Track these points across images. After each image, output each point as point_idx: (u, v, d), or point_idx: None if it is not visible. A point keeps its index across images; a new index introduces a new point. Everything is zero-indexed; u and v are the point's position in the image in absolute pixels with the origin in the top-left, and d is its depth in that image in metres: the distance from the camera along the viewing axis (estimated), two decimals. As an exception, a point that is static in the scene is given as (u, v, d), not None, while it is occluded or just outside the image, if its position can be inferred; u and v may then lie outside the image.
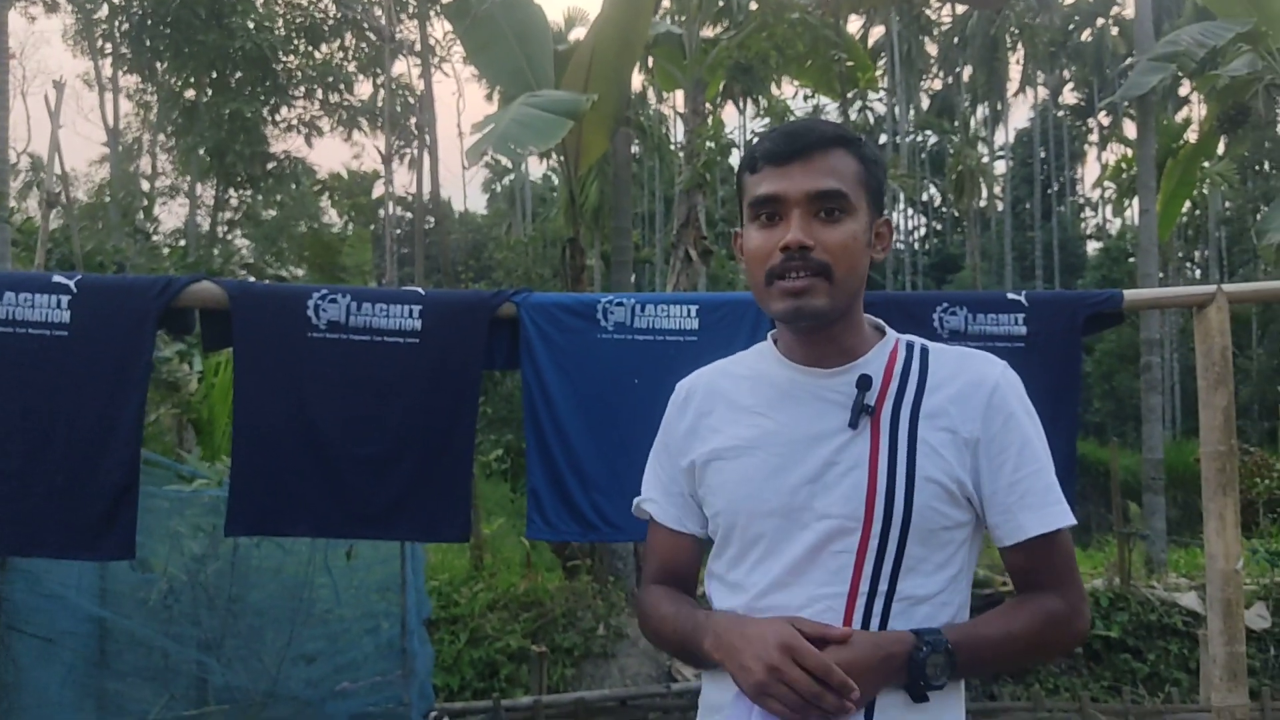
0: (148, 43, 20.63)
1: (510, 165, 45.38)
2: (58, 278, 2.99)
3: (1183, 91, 32.62)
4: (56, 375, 2.91)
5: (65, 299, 2.95)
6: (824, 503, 1.48)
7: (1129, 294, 3.41)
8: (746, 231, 1.59)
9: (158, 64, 21.48)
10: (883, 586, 1.47)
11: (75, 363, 2.92)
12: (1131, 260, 23.58)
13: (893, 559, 1.46)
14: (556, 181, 37.54)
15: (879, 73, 38.73)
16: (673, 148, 25.73)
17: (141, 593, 4.56)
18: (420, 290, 3.23)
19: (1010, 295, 3.36)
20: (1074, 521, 1.54)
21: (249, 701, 4.44)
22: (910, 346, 1.60)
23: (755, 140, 1.61)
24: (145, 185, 27.13)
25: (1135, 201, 13.66)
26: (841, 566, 1.46)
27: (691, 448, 1.63)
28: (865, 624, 1.46)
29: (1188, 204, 29.57)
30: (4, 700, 4.04)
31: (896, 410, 1.51)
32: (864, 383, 1.52)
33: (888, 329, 1.63)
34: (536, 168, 44.83)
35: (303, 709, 4.53)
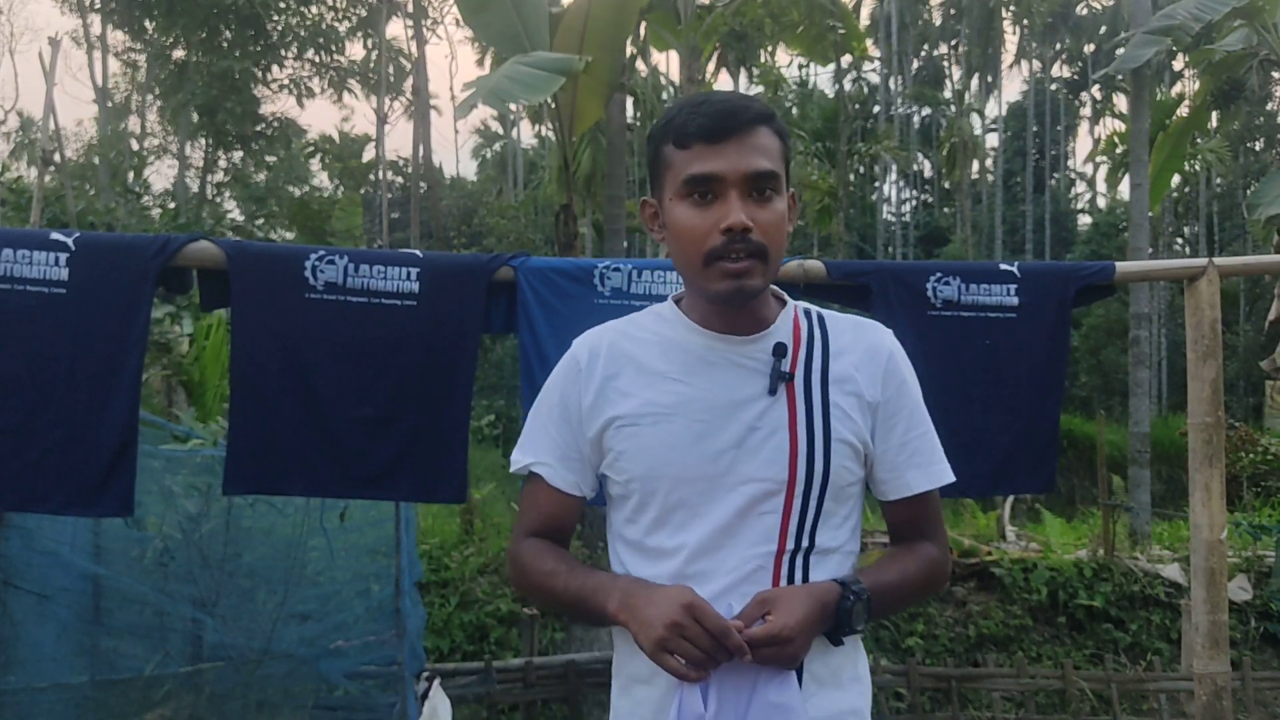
0: (136, -1, 20.42)
1: (501, 131, 45.18)
2: (56, 235, 2.99)
3: (1176, 66, 32.58)
4: (55, 332, 2.92)
5: (63, 256, 2.95)
6: (748, 467, 1.54)
7: (1121, 266, 3.45)
8: (676, 208, 1.57)
9: (147, 21, 21.27)
10: (805, 542, 1.56)
11: (74, 320, 2.93)
12: (1124, 234, 23.61)
13: (813, 516, 1.56)
14: (547, 148, 37.39)
15: (870, 42, 38.59)
16: (666, 114, 25.58)
17: (135, 551, 4.58)
18: (418, 253, 3.25)
19: (1003, 266, 3.40)
20: (954, 479, 1.68)
21: (244, 659, 4.48)
22: (808, 314, 1.68)
23: (678, 112, 1.59)
24: (134, 145, 26.93)
25: (1127, 176, 13.67)
26: (769, 527, 1.54)
27: (600, 413, 1.62)
28: (790, 577, 1.55)
29: (1178, 179, 29.64)
30: (1, 656, 4.07)
31: (808, 376, 1.59)
32: (780, 350, 1.58)
33: (785, 296, 1.70)
34: (527, 133, 44.67)
35: (298, 667, 4.58)
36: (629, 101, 15.65)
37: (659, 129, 1.61)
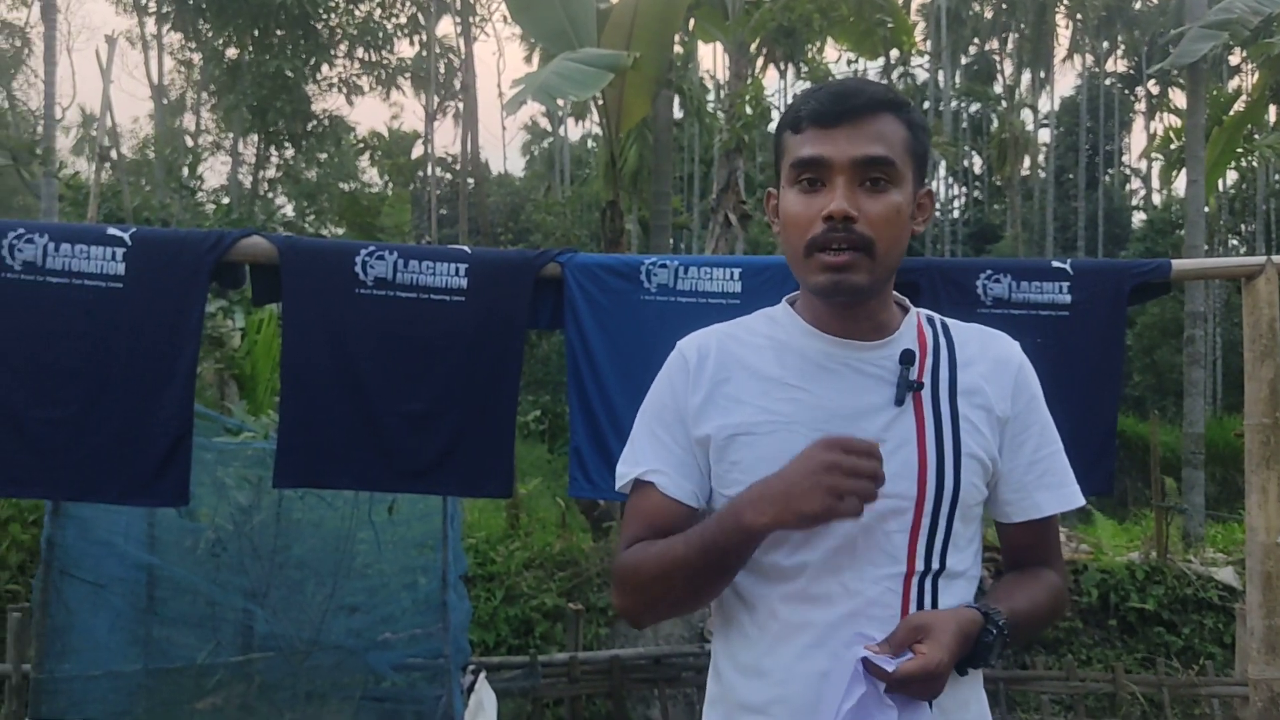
0: (190, 0, 20.73)
1: (549, 128, 45.35)
2: (112, 230, 3.04)
3: (1233, 60, 31.98)
4: (112, 326, 2.97)
5: (120, 251, 3.01)
6: None
7: (1177, 264, 3.39)
8: (785, 195, 1.50)
9: (200, 21, 21.59)
10: (934, 564, 1.44)
11: (130, 314, 2.98)
12: (1179, 232, 23.24)
13: (942, 536, 1.45)
14: (594, 145, 37.46)
15: (921, 38, 38.23)
16: (711, 108, 25.60)
17: (188, 541, 4.66)
18: (467, 249, 3.27)
19: (1055, 263, 3.35)
20: (1084, 502, 1.60)
21: (293, 649, 4.54)
22: (931, 321, 1.57)
23: (799, 97, 1.51)
24: (189, 142, 27.37)
25: (1183, 173, 13.45)
26: (896, 546, 1.43)
27: (708, 419, 1.50)
28: (920, 602, 1.43)
29: (1235, 176, 29.08)
30: (56, 643, 4.16)
31: (935, 386, 1.49)
32: (908, 357, 1.47)
33: (908, 303, 1.58)
34: (574, 130, 44.80)
35: (346, 658, 4.63)
36: (675, 98, 15.62)
37: (782, 117, 1.54)
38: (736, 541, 1.37)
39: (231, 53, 22.15)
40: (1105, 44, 43.97)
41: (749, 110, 11.86)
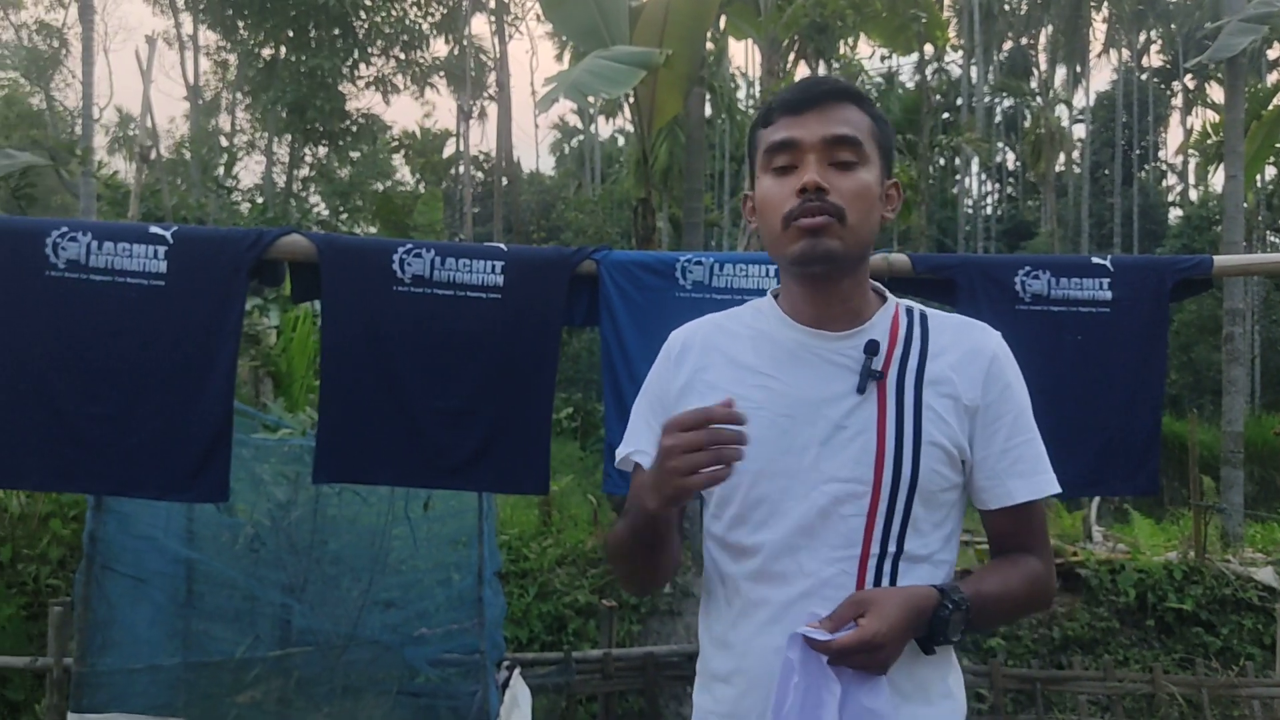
0: (228, -1, 20.93)
1: (580, 126, 45.41)
2: (154, 229, 3.08)
3: (1272, 55, 31.54)
4: (154, 323, 3.01)
5: (162, 249, 3.04)
6: (832, 466, 1.51)
7: (1219, 260, 3.35)
8: (760, 183, 1.59)
9: (238, 21, 21.78)
10: (891, 548, 1.51)
11: (172, 311, 3.02)
12: (1216, 229, 22.95)
13: (900, 521, 1.51)
14: (623, 142, 37.47)
15: (955, 34, 37.96)
16: (742, 105, 25.51)
17: (226, 536, 4.70)
18: (503, 246, 3.28)
19: (1095, 259, 3.32)
20: (1060, 490, 1.62)
21: (330, 644, 4.57)
22: (910, 312, 1.63)
23: (767, 101, 1.63)
24: (224, 141, 27.63)
25: (1220, 168, 13.29)
26: (852, 529, 1.49)
27: (687, 403, 1.57)
28: (876, 583, 1.50)
29: (1274, 172, 28.70)
30: (97, 636, 4.21)
31: (901, 376, 1.54)
32: (871, 348, 1.54)
33: (888, 294, 1.66)
34: (605, 128, 44.84)
35: (382, 653, 4.66)
36: (707, 95, 15.59)
37: (754, 120, 1.64)
38: (645, 520, 1.49)
39: (267, 52, 22.34)
40: (1141, 38, 43.48)
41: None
